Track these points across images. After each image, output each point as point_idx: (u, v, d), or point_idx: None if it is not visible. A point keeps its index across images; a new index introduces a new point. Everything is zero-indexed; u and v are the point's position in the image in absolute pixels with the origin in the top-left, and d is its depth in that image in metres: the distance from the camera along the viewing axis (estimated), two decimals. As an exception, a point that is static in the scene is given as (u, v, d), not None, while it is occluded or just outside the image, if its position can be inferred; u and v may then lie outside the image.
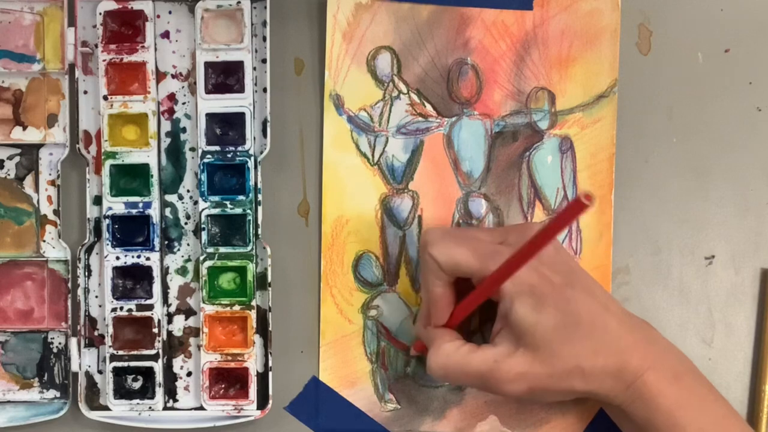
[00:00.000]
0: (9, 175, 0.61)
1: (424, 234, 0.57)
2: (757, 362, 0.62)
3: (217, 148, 0.60)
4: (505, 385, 0.54)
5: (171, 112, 0.61)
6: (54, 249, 0.61)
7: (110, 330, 0.60)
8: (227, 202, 0.60)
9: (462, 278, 0.56)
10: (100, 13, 0.60)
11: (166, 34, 0.61)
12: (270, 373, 0.60)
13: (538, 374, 0.54)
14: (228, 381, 0.61)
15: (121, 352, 0.60)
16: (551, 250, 0.55)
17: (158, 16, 0.61)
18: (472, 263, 0.55)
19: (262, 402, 0.60)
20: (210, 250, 0.60)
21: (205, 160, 0.60)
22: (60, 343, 0.61)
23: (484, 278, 0.54)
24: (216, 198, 0.60)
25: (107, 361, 0.60)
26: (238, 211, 0.60)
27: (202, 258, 0.60)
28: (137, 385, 0.61)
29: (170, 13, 0.61)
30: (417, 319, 0.60)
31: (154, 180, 0.60)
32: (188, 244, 0.61)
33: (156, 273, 0.60)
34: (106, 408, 0.60)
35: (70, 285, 0.61)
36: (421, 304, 0.59)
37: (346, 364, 0.61)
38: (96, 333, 0.61)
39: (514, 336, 0.54)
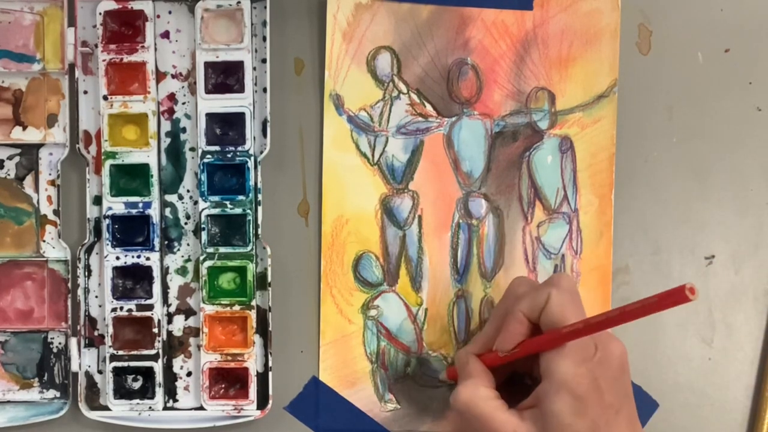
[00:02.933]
0: (9, 175, 0.61)
1: (563, 277, 0.55)
2: (762, 362, 0.62)
3: (217, 148, 0.60)
4: None
5: (171, 112, 0.61)
6: (54, 249, 0.61)
7: (110, 330, 0.60)
8: (227, 202, 0.60)
9: None
10: (100, 13, 0.60)
11: (166, 34, 0.61)
12: (270, 373, 0.60)
13: None
14: (228, 381, 0.61)
15: (121, 352, 0.60)
16: (617, 370, 0.53)
17: (158, 16, 0.61)
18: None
19: (262, 402, 0.60)
20: (210, 250, 0.60)
21: (205, 160, 0.60)
22: (60, 343, 0.61)
23: (555, 329, 0.53)
24: (216, 198, 0.60)
25: (107, 361, 0.60)
26: (238, 211, 0.60)
27: (202, 258, 0.60)
28: (137, 385, 0.61)
29: (170, 13, 0.61)
30: (471, 343, 0.58)
31: (154, 180, 0.60)
32: (188, 244, 0.61)
33: (156, 273, 0.60)
34: (106, 408, 0.60)
35: (70, 285, 0.61)
36: (482, 331, 0.58)
37: (346, 364, 0.61)
38: (96, 333, 0.61)
39: (542, 422, 0.53)
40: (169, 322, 0.61)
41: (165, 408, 0.61)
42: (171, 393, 0.61)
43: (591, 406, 0.52)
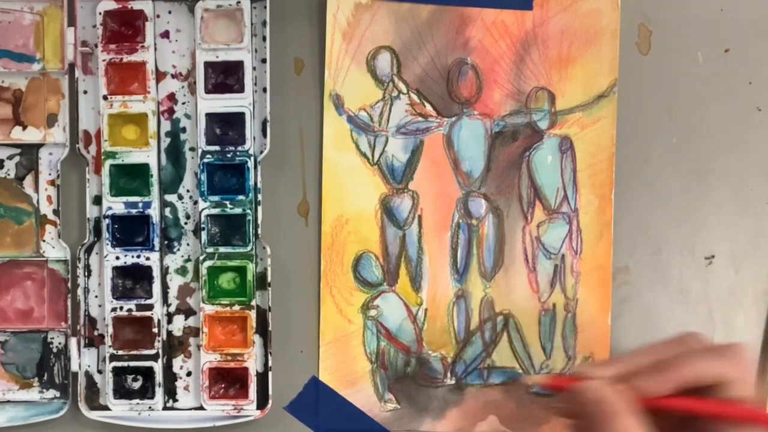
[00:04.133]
0: (9, 175, 0.61)
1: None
2: (762, 362, 0.62)
3: (217, 148, 0.60)
4: None
5: (171, 112, 0.61)
6: (54, 249, 0.61)
7: (110, 330, 0.60)
8: (227, 202, 0.60)
9: None
10: (100, 13, 0.60)
11: (165, 34, 0.61)
12: (270, 373, 0.60)
13: None
14: (228, 381, 0.61)
15: (120, 352, 0.60)
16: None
17: (158, 16, 0.61)
18: None
19: (262, 402, 0.60)
20: (210, 250, 0.60)
21: (205, 160, 0.60)
22: (60, 343, 0.61)
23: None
24: (216, 198, 0.60)
25: (107, 360, 0.60)
26: (238, 211, 0.60)
27: (201, 258, 0.60)
28: (137, 385, 0.61)
29: (170, 12, 0.61)
30: (604, 366, 0.52)
31: (154, 180, 0.60)
32: (188, 244, 0.61)
33: (156, 273, 0.60)
34: (106, 408, 0.60)
35: (69, 285, 0.61)
36: (627, 357, 0.52)
37: (346, 364, 0.61)
38: (96, 333, 0.61)
39: None
40: (169, 322, 0.61)
41: (165, 408, 0.61)
42: (171, 393, 0.61)
43: None
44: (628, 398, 0.49)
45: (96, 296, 0.61)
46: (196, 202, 0.61)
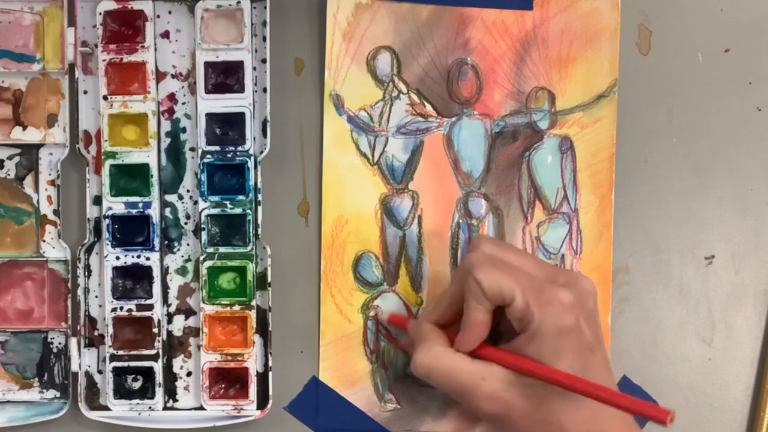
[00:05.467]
0: (9, 175, 0.61)
1: (471, 254, 0.55)
2: (762, 362, 0.62)
3: (217, 148, 0.60)
4: (481, 402, 0.53)
5: (171, 112, 0.61)
6: (54, 249, 0.61)
7: (110, 330, 0.60)
8: (227, 202, 0.60)
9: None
10: (100, 13, 0.60)
11: (166, 34, 0.61)
12: (270, 373, 0.60)
13: (517, 408, 0.52)
14: (228, 381, 0.61)
15: (121, 352, 0.60)
16: (591, 308, 0.53)
17: (158, 16, 0.61)
18: (517, 298, 0.52)
19: (262, 402, 0.60)
20: (210, 250, 0.60)
21: (205, 160, 0.60)
22: (60, 343, 0.61)
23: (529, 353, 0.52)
24: (216, 198, 0.60)
25: (107, 361, 0.60)
26: (238, 211, 0.60)
27: (202, 258, 0.60)
28: (137, 385, 0.61)
29: (170, 13, 0.61)
30: (426, 311, 0.59)
31: (154, 180, 0.60)
32: (188, 244, 0.61)
33: (156, 273, 0.60)
34: (106, 408, 0.60)
35: (70, 285, 0.61)
36: (439, 302, 0.57)
37: (346, 364, 0.61)
38: (96, 333, 0.61)
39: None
40: (169, 322, 0.61)
41: (165, 408, 0.61)
42: (171, 393, 0.61)
43: (570, 345, 0.51)
44: (434, 330, 0.56)
45: (96, 296, 0.61)
46: (196, 202, 0.61)
